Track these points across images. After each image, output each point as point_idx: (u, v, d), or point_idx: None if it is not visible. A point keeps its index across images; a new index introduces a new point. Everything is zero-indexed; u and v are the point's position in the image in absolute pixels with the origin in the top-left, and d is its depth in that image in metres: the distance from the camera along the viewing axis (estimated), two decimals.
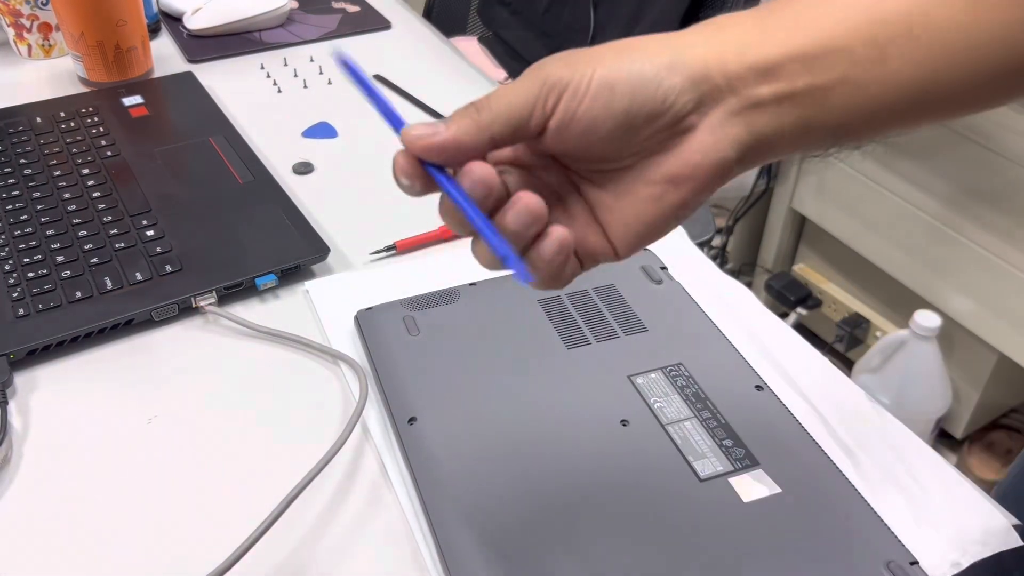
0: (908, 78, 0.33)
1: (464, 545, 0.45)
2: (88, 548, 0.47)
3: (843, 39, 0.33)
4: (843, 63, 0.33)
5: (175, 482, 0.51)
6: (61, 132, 0.79)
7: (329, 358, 0.59)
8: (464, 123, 0.33)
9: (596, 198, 0.36)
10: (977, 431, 1.55)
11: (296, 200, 0.72)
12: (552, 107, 0.33)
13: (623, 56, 0.33)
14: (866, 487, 0.50)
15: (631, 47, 0.34)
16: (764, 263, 1.77)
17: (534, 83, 0.33)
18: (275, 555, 0.47)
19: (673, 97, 0.33)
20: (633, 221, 0.35)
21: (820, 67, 0.33)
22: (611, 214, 0.35)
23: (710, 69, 0.33)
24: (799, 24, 0.34)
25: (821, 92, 0.33)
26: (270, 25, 1.03)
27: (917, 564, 0.44)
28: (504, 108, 0.33)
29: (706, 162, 0.34)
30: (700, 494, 0.47)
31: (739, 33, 0.34)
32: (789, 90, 0.33)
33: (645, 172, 0.34)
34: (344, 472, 0.52)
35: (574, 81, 0.32)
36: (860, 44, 0.33)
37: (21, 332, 0.58)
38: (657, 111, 0.33)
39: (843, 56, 0.33)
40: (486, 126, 0.33)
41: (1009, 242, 1.30)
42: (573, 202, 0.36)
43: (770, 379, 0.57)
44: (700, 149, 0.34)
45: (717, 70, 0.33)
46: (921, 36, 0.33)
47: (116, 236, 0.66)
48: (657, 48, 0.33)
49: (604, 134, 0.33)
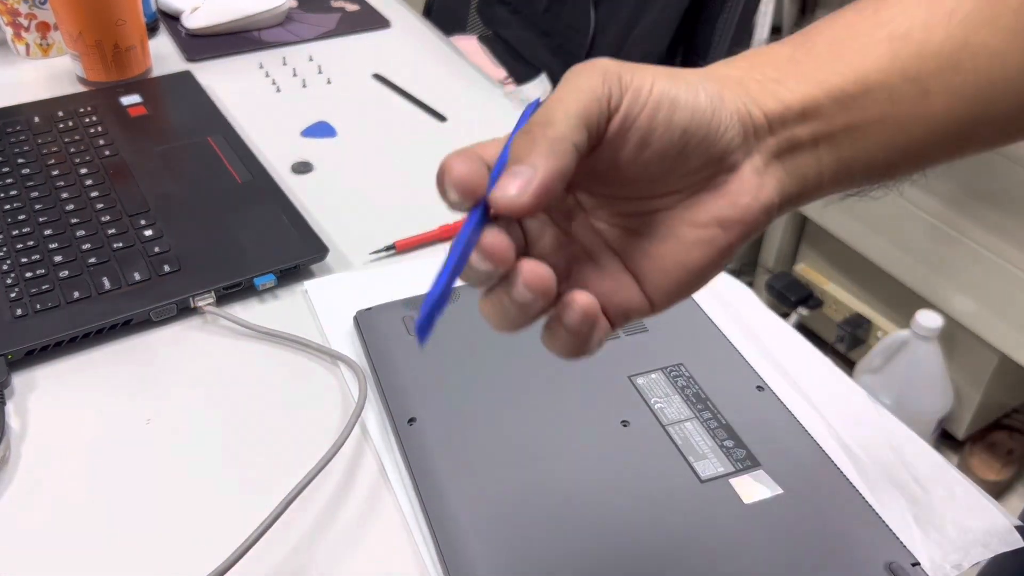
0: (953, 113, 0.32)
1: (464, 545, 0.45)
2: (87, 549, 0.47)
3: (883, 75, 0.31)
4: (883, 102, 0.31)
5: (174, 483, 0.51)
6: (59, 132, 0.79)
7: (328, 358, 0.59)
8: (544, 148, 0.27)
9: (631, 246, 0.32)
10: (979, 431, 1.55)
11: (295, 200, 0.72)
12: (616, 105, 0.29)
13: (676, 78, 0.30)
14: (867, 488, 0.49)
15: (677, 73, 0.31)
16: (765, 263, 1.77)
17: (593, 77, 0.29)
18: (275, 555, 0.47)
19: (724, 129, 0.30)
20: (674, 268, 0.31)
21: (858, 106, 0.31)
22: (649, 261, 0.32)
23: (751, 107, 0.31)
24: (837, 58, 0.32)
25: (860, 131, 0.32)
26: (269, 24, 1.03)
27: (918, 565, 0.44)
28: (574, 110, 0.28)
29: (756, 204, 0.31)
30: (701, 495, 0.47)
31: (774, 69, 0.32)
32: (827, 130, 0.32)
33: (690, 213, 0.31)
34: (344, 472, 0.51)
35: (635, 83, 0.29)
36: (901, 80, 0.31)
37: (19, 332, 0.58)
38: (712, 138, 0.30)
39: (882, 94, 0.31)
40: (565, 137, 0.28)
41: (1011, 242, 1.30)
42: (602, 254, 0.33)
43: (771, 379, 0.57)
44: (749, 191, 0.31)
45: (757, 109, 0.31)
46: (968, 69, 0.31)
47: (114, 236, 0.66)
48: (701, 79, 0.31)
49: (659, 149, 0.30)
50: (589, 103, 0.28)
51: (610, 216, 0.33)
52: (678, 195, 0.31)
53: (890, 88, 0.31)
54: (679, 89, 0.29)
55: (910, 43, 0.31)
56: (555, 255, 0.32)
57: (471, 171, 0.28)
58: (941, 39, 0.31)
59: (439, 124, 0.86)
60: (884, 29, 0.32)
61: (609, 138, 0.29)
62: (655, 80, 0.29)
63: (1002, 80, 0.31)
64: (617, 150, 0.30)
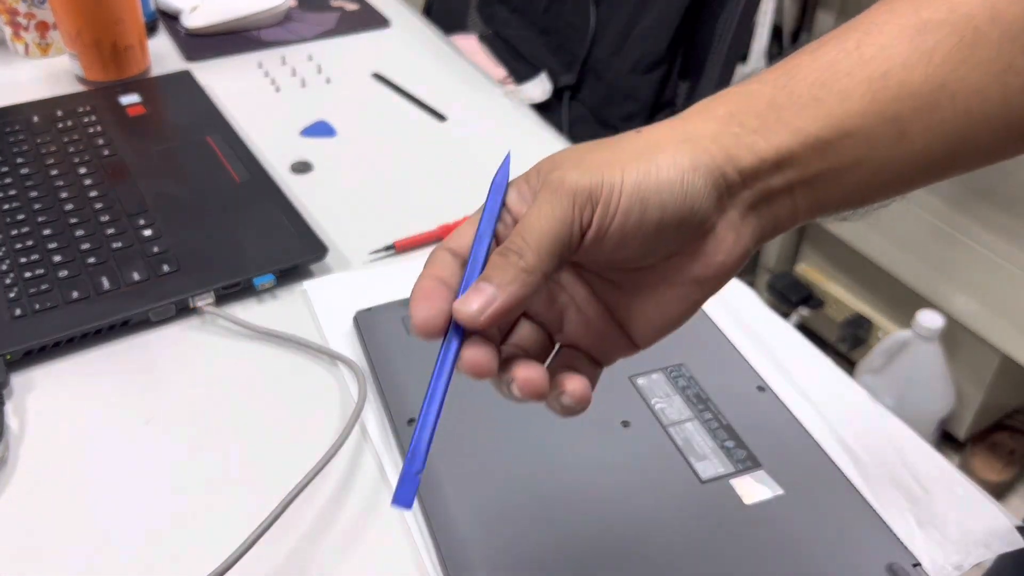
0: (930, 149, 0.32)
1: (464, 546, 0.45)
2: (86, 549, 0.47)
3: (861, 119, 0.31)
4: (860, 146, 0.31)
5: (173, 483, 0.51)
6: (58, 131, 0.79)
7: (328, 358, 0.59)
8: (511, 275, 0.30)
9: (615, 300, 0.35)
10: (980, 432, 1.54)
11: (294, 199, 0.72)
12: (588, 222, 0.31)
13: (646, 160, 0.31)
14: (868, 489, 0.49)
15: (650, 147, 0.32)
16: (766, 263, 1.77)
17: (563, 202, 0.31)
18: (275, 555, 0.47)
19: (699, 203, 0.31)
20: (656, 318, 0.34)
21: (835, 152, 0.32)
22: (631, 314, 0.35)
23: (724, 167, 0.32)
24: (817, 103, 0.32)
25: (836, 175, 0.32)
26: (268, 23, 1.03)
27: (919, 566, 0.44)
28: (546, 240, 0.30)
29: (729, 261, 0.33)
30: (701, 496, 0.47)
31: (754, 117, 0.32)
32: (802, 177, 0.32)
33: (668, 274, 0.33)
34: (343, 472, 0.51)
35: (604, 193, 0.31)
36: (879, 122, 0.31)
37: (18, 332, 0.57)
38: (686, 220, 0.31)
39: (860, 139, 0.31)
40: (535, 268, 0.30)
41: (1013, 242, 1.30)
42: (589, 306, 0.35)
43: (772, 380, 0.56)
44: (723, 250, 0.33)
45: (731, 166, 0.32)
46: (947, 107, 0.31)
47: (113, 236, 0.66)
48: (673, 144, 0.32)
49: (635, 246, 0.32)
50: (561, 231, 0.30)
51: (596, 276, 0.35)
52: (659, 257, 0.33)
53: (867, 132, 0.31)
54: (650, 179, 0.31)
55: (890, 84, 0.31)
56: (548, 310, 0.35)
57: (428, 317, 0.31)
58: (920, 80, 0.31)
59: (439, 123, 0.86)
60: (865, 70, 0.31)
61: (585, 248, 0.31)
62: (624, 177, 0.31)
63: (981, 115, 0.31)
64: (595, 255, 0.32)
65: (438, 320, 0.31)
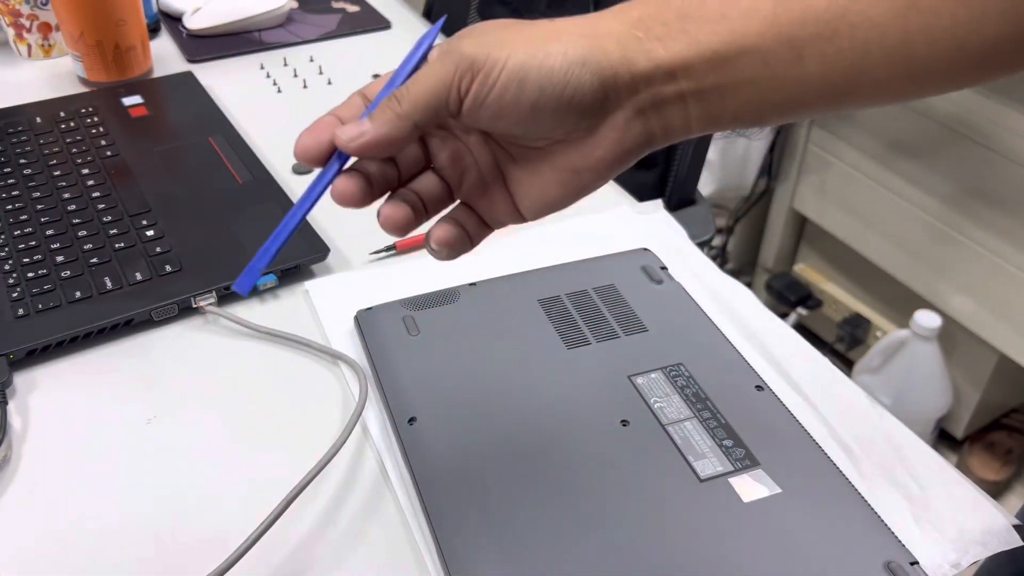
0: (827, 77, 0.33)
1: (464, 545, 0.45)
2: (87, 548, 0.47)
3: (760, 39, 0.33)
4: (755, 65, 0.33)
5: (174, 482, 0.51)
6: (61, 132, 0.79)
7: (329, 358, 0.59)
8: (387, 116, 0.34)
9: (510, 171, 0.38)
10: (978, 431, 1.55)
11: (296, 200, 0.72)
12: (466, 90, 0.34)
13: (537, 46, 0.33)
14: (866, 487, 0.50)
15: (548, 35, 0.34)
16: (764, 263, 1.77)
17: (447, 65, 0.34)
18: (275, 555, 0.47)
19: (580, 96, 0.34)
20: (538, 195, 0.38)
21: (729, 68, 0.33)
22: (520, 187, 0.38)
23: (618, 68, 0.34)
24: (721, 19, 0.33)
25: (730, 90, 0.34)
26: (270, 25, 1.03)
27: (917, 564, 0.44)
28: (422, 95, 0.34)
29: (608, 156, 0.36)
30: (700, 494, 0.47)
31: (661, 25, 0.34)
32: (695, 88, 0.34)
33: (552, 158, 0.36)
34: (344, 472, 0.51)
35: (486, 66, 0.33)
36: (776, 44, 0.33)
37: (20, 332, 0.58)
38: (562, 107, 0.34)
39: (756, 58, 0.33)
40: (408, 115, 0.34)
41: (1010, 242, 1.30)
42: (487, 171, 0.38)
43: (770, 379, 0.57)
44: (603, 145, 0.35)
45: (625, 68, 0.34)
46: (845, 36, 0.32)
47: (116, 236, 0.66)
48: (572, 38, 0.34)
49: (512, 121, 0.34)
50: (438, 90, 0.34)
51: (499, 146, 0.38)
52: (544, 141, 0.36)
53: (764, 52, 0.33)
54: (533, 63, 0.33)
55: (793, 8, 0.33)
56: (451, 168, 0.38)
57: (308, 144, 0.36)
58: (824, 6, 0.32)
59: None
60: None
61: (465, 112, 0.34)
62: (510, 56, 0.33)
63: (879, 50, 0.32)
64: (475, 120, 0.35)
65: (317, 149, 0.36)
